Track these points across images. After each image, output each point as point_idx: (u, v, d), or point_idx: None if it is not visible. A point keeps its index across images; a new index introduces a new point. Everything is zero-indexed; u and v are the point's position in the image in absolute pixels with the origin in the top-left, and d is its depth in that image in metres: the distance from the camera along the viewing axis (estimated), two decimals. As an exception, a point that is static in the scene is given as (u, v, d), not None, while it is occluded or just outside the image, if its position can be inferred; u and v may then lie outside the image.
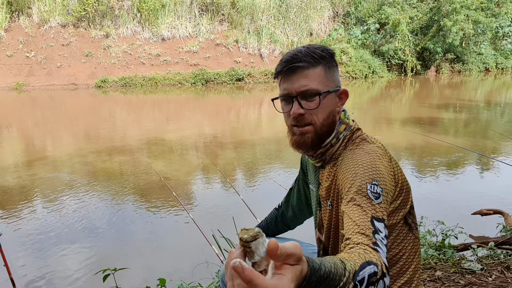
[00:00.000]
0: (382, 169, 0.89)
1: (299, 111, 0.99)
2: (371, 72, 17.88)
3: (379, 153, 0.94)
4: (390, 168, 0.92)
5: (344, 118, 1.05)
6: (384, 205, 0.84)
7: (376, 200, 0.84)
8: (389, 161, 0.94)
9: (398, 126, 8.03)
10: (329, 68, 1.01)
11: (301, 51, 1.00)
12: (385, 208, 0.83)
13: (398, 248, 0.98)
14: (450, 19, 17.74)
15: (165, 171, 5.05)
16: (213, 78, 15.80)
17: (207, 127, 8.58)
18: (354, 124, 1.06)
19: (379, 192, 0.84)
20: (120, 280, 2.01)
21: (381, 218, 0.81)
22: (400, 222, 0.97)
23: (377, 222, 0.80)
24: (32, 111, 10.97)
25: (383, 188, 0.86)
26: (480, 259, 2.31)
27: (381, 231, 0.78)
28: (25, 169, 5.36)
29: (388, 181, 0.89)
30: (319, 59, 0.99)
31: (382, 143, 1.02)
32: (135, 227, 3.53)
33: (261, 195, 4.26)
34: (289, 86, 1.01)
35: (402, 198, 0.97)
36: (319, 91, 0.99)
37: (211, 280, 2.37)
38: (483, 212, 3.13)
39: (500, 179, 4.67)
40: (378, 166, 0.89)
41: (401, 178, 0.97)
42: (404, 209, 0.98)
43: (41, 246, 3.18)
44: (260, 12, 18.13)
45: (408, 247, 0.99)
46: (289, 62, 1.00)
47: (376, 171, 0.88)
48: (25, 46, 15.63)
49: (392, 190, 0.90)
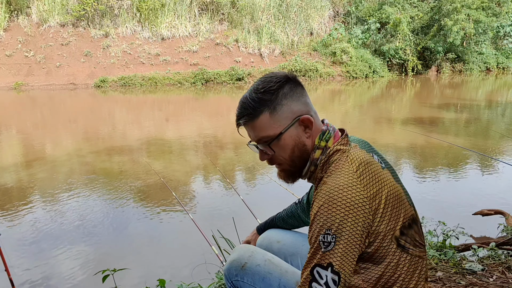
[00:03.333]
0: (342, 213, 0.87)
1: (263, 157, 1.06)
2: (371, 72, 17.86)
3: (348, 186, 0.89)
4: (356, 207, 0.88)
5: (318, 142, 1.00)
6: (337, 252, 0.88)
7: (325, 248, 0.88)
8: (361, 190, 0.89)
9: (399, 126, 8.01)
10: (275, 108, 0.97)
11: (241, 105, 1.01)
12: (337, 254, 0.88)
13: (392, 271, 0.94)
14: (451, 18, 17.72)
15: (165, 171, 5.04)
16: (213, 78, 15.78)
17: (207, 127, 8.57)
18: (332, 146, 0.99)
19: (330, 241, 0.88)
20: (119, 280, 2.00)
21: (326, 265, 0.87)
22: (389, 245, 0.92)
23: (320, 269, 0.88)
24: (31, 111, 10.96)
25: (337, 235, 0.87)
26: (481, 259, 2.29)
27: (321, 277, 0.88)
28: (24, 169, 5.35)
29: (349, 221, 0.87)
30: (258, 107, 0.97)
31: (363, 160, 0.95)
32: (134, 228, 3.52)
33: (261, 195, 4.24)
34: (249, 133, 1.06)
35: (385, 222, 0.92)
36: (270, 137, 0.99)
37: (211, 281, 2.36)
38: (484, 212, 3.12)
39: (501, 179, 4.66)
40: (337, 210, 0.87)
41: (382, 201, 0.91)
42: (392, 232, 0.93)
43: (40, 247, 3.17)
44: (260, 12, 18.11)
45: (404, 269, 0.95)
46: (237, 119, 1.03)
47: (331, 217, 0.87)
48: (24, 45, 15.62)
49: (357, 227, 0.88)
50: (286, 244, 1.25)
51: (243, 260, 1.12)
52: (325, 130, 1.01)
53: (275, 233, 1.35)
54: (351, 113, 10.32)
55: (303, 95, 1.02)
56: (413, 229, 0.98)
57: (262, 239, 1.35)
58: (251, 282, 1.11)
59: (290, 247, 1.22)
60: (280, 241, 1.29)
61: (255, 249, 1.16)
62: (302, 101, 1.01)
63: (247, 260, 1.11)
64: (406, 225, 0.96)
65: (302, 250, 1.25)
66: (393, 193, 0.95)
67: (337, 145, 0.99)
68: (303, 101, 1.01)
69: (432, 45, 18.48)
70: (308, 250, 0.93)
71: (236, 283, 1.13)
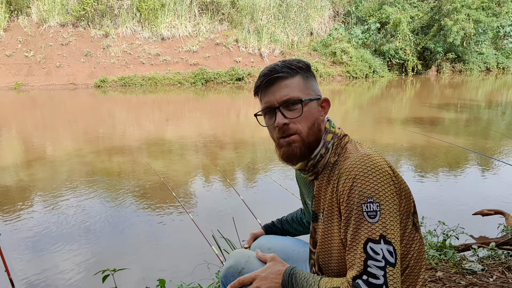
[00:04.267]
0: (379, 180, 0.87)
1: (283, 121, 1.00)
2: (371, 72, 17.86)
3: (373, 155, 0.92)
4: (387, 173, 0.89)
5: (330, 127, 1.05)
6: (384, 220, 0.84)
7: (372, 219, 0.84)
8: (383, 160, 0.94)
9: (399, 126, 8.01)
10: (307, 77, 1.04)
11: (277, 64, 1.04)
12: (386, 223, 0.84)
13: (408, 249, 0.97)
14: (451, 18, 17.73)
15: (165, 171, 5.04)
16: (213, 78, 15.78)
17: (207, 127, 8.57)
18: (340, 131, 1.05)
19: (376, 210, 0.85)
20: (119, 280, 2.00)
21: (379, 237, 0.83)
22: (408, 224, 0.96)
23: (373, 244, 0.83)
24: (31, 111, 10.96)
25: (381, 202, 0.85)
26: (481, 259, 2.29)
27: (377, 253, 0.83)
28: (24, 169, 5.34)
29: (387, 190, 0.87)
30: (296, 69, 1.03)
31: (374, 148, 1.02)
32: (134, 228, 3.52)
33: (261, 195, 4.24)
34: (270, 98, 1.03)
35: (405, 200, 0.96)
36: (300, 99, 1.00)
37: (211, 281, 2.36)
38: (484, 212, 3.12)
39: (501, 179, 4.66)
40: (374, 177, 0.87)
41: (400, 181, 0.96)
42: (409, 211, 0.97)
43: (40, 247, 3.17)
44: (260, 12, 18.11)
45: (416, 248, 0.98)
46: (268, 75, 1.02)
47: (371, 184, 0.87)
48: (24, 45, 15.62)
49: (394, 193, 0.89)
50: (276, 250, 1.26)
51: (240, 266, 1.12)
52: (330, 119, 1.08)
53: (265, 240, 1.37)
54: (351, 113, 10.32)
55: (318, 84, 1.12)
56: (416, 212, 1.02)
57: (253, 247, 1.36)
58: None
59: (281, 253, 1.23)
60: (271, 248, 1.30)
61: (251, 254, 1.16)
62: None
63: (244, 266, 1.11)
64: (414, 205, 1.00)
65: (293, 255, 1.27)
66: (401, 179, 0.99)
67: (342, 132, 1.06)
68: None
69: (432, 45, 18.49)
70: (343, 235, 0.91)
71: None
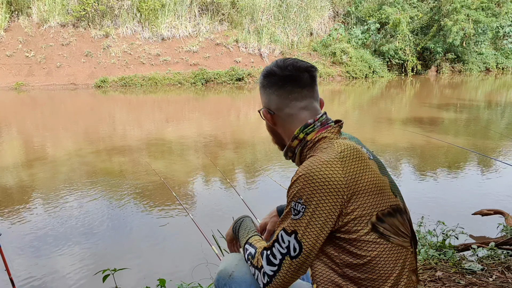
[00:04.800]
0: (315, 187, 0.94)
1: None
2: (371, 72, 17.86)
3: (328, 163, 0.96)
4: (329, 184, 0.94)
5: (298, 133, 1.08)
6: (302, 222, 0.95)
7: (294, 216, 0.96)
8: (340, 170, 0.95)
9: (399, 126, 8.02)
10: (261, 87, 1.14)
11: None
12: (302, 225, 0.95)
13: (370, 254, 0.96)
14: (450, 18, 17.73)
15: (165, 171, 5.05)
16: (213, 78, 15.79)
17: (207, 127, 8.57)
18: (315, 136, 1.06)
19: (300, 210, 0.95)
20: (119, 280, 2.00)
21: (291, 231, 0.96)
22: (363, 229, 0.96)
23: (284, 233, 0.97)
24: (31, 111, 10.96)
25: (306, 206, 0.94)
26: (481, 259, 2.30)
27: (284, 241, 0.97)
28: (25, 169, 5.35)
29: (321, 199, 0.94)
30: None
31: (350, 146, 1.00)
32: (134, 227, 3.52)
33: (261, 195, 4.25)
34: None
35: (362, 207, 0.96)
36: None
37: (211, 281, 2.37)
38: (484, 212, 3.13)
39: (500, 179, 4.67)
40: (311, 183, 0.94)
41: (361, 186, 0.96)
42: (369, 217, 0.96)
43: (40, 246, 3.17)
44: (260, 12, 18.11)
45: (384, 255, 0.97)
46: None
47: (305, 189, 0.95)
48: (24, 46, 15.62)
49: (327, 203, 0.94)
50: None
51: (230, 269, 1.15)
52: (308, 124, 1.07)
53: None
54: (351, 113, 10.33)
55: None
56: (395, 218, 1.01)
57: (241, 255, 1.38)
58: None
59: None
60: None
61: (241, 257, 1.19)
62: None
63: (234, 269, 1.15)
64: (385, 213, 0.99)
65: None
66: (375, 181, 0.99)
67: (325, 132, 1.06)
68: None
69: (431, 45, 18.49)
70: None
71: None
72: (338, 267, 0.99)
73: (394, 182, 1.10)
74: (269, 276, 1.00)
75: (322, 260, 1.01)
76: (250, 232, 1.19)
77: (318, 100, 1.14)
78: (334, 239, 0.98)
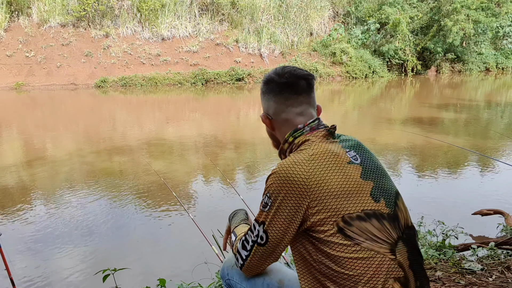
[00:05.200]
0: (282, 185, 1.01)
1: None
2: (371, 72, 17.86)
3: (295, 164, 1.01)
4: (294, 183, 1.00)
5: (288, 137, 1.14)
6: (268, 214, 1.04)
7: (263, 208, 1.06)
8: (305, 172, 0.99)
9: (399, 126, 8.02)
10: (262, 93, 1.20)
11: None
12: (269, 216, 1.04)
13: (340, 254, 0.98)
14: (450, 19, 17.73)
15: (165, 171, 5.05)
16: (213, 78, 15.79)
17: (207, 127, 8.58)
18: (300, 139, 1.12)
19: (268, 203, 1.04)
20: (120, 280, 2.00)
21: (260, 222, 1.06)
22: (331, 230, 0.98)
23: (255, 223, 1.08)
24: (32, 111, 10.97)
25: (272, 200, 1.03)
26: (481, 259, 2.30)
27: (254, 230, 1.08)
28: (25, 169, 5.35)
29: (285, 196, 1.01)
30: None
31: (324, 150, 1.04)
32: (134, 227, 3.53)
33: (261, 195, 4.25)
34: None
35: (326, 209, 0.98)
36: None
37: (211, 280, 2.37)
38: (484, 212, 3.13)
39: (500, 179, 4.67)
40: (278, 181, 1.02)
41: (327, 189, 0.98)
42: (334, 219, 0.98)
43: (40, 246, 3.17)
44: (260, 12, 18.11)
45: (355, 257, 0.98)
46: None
47: (273, 185, 1.03)
48: (24, 46, 15.63)
49: (290, 201, 1.00)
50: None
51: (233, 260, 1.22)
52: (298, 128, 1.13)
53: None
54: (351, 113, 10.33)
55: None
56: (368, 223, 1.01)
57: None
58: (239, 281, 1.22)
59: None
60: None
61: None
62: None
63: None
64: (353, 217, 1.00)
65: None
66: (345, 185, 1.01)
67: (309, 136, 1.10)
68: None
69: (431, 45, 18.49)
70: None
71: (228, 281, 1.26)
72: (315, 263, 1.03)
73: (386, 187, 1.08)
74: (243, 260, 1.12)
75: (302, 255, 1.05)
76: (237, 222, 1.32)
77: (315, 106, 1.18)
78: (309, 237, 1.02)
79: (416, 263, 1.06)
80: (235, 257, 1.16)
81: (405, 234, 1.06)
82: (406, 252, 1.05)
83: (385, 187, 1.08)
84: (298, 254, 1.07)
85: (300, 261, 1.07)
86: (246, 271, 1.15)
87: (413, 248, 1.07)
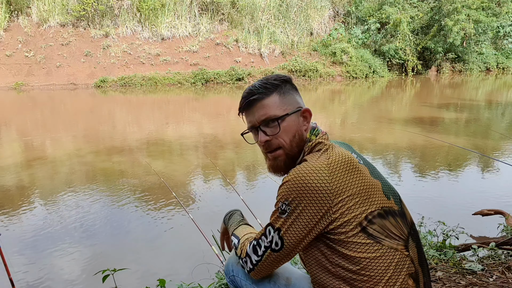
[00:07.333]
0: (302, 193, 0.99)
1: (265, 138, 1.12)
2: (371, 72, 17.86)
3: (315, 171, 0.99)
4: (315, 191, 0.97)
5: (310, 136, 1.13)
6: (286, 221, 1.01)
7: (280, 214, 1.03)
8: (326, 178, 0.98)
9: (399, 126, 8.01)
10: (284, 93, 1.13)
11: (255, 85, 1.13)
12: (287, 224, 1.02)
13: (361, 255, 0.99)
14: (451, 18, 17.72)
15: (165, 171, 5.04)
16: (213, 78, 15.78)
17: (207, 127, 8.57)
18: (315, 139, 1.11)
19: (286, 210, 1.01)
20: (119, 280, 1.99)
21: (276, 228, 1.04)
22: (352, 231, 0.98)
23: (270, 228, 1.05)
24: (31, 111, 10.96)
25: (292, 208, 1.00)
26: (481, 259, 2.29)
27: (269, 235, 1.05)
28: (24, 169, 5.35)
29: (306, 204, 0.98)
30: (272, 87, 1.11)
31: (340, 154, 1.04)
32: (134, 228, 3.52)
33: (261, 195, 4.25)
34: (251, 119, 1.14)
35: (349, 212, 0.98)
36: (277, 116, 1.10)
37: (211, 281, 2.36)
38: (484, 212, 3.12)
39: (501, 179, 4.66)
40: (298, 188, 0.99)
41: (349, 193, 0.98)
42: (358, 219, 0.99)
43: (40, 247, 3.17)
44: (260, 12, 18.11)
45: (375, 257, 0.99)
46: (246, 97, 1.12)
47: (293, 192, 1.00)
48: (24, 45, 15.62)
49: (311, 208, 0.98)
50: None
51: (238, 257, 1.21)
52: (315, 127, 1.15)
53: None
54: (351, 113, 10.32)
55: (299, 95, 1.19)
56: (386, 220, 1.02)
57: None
58: (244, 278, 1.21)
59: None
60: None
61: None
62: (301, 98, 1.19)
63: None
64: (375, 214, 1.01)
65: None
66: (364, 185, 1.02)
67: (319, 139, 1.11)
68: (301, 99, 1.19)
69: (432, 45, 18.48)
70: None
71: (232, 278, 1.26)
72: (332, 266, 1.02)
73: (389, 185, 1.11)
74: (253, 264, 1.11)
75: (317, 258, 1.04)
76: (236, 224, 1.30)
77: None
78: (326, 239, 1.01)
79: (423, 258, 1.10)
80: (242, 261, 1.15)
81: (412, 230, 1.10)
82: (415, 247, 1.08)
83: (389, 185, 1.12)
84: (312, 259, 1.06)
85: (314, 265, 1.06)
86: (255, 275, 1.13)
87: (419, 244, 1.10)
